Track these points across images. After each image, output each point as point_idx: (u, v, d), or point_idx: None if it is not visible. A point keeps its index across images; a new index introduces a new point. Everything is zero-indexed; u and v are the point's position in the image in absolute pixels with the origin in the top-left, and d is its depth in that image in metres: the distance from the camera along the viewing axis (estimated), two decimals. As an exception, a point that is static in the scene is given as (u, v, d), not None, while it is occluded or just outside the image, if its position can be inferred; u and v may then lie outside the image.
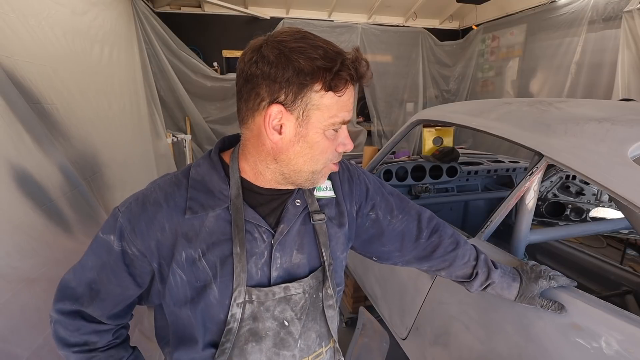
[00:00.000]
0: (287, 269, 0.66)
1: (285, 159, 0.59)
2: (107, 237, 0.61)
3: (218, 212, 0.62)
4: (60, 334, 0.64)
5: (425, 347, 1.27)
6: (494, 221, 1.15)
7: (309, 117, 0.56)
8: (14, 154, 1.21)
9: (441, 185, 2.31)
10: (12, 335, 1.02)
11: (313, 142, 0.58)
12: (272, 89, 0.54)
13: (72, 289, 0.64)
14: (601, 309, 0.80)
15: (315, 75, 0.53)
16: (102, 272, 0.62)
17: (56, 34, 1.73)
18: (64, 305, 0.63)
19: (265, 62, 0.53)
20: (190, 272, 0.61)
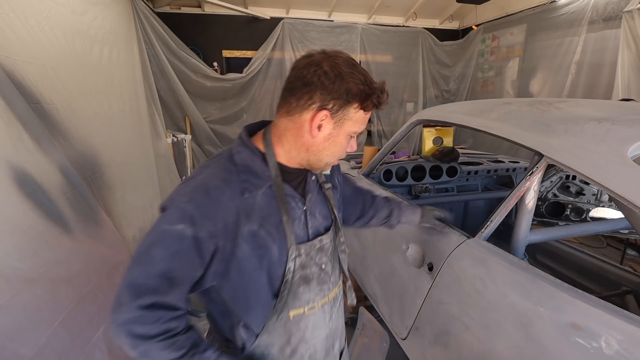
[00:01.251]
0: (315, 227, 0.85)
1: (315, 150, 0.77)
2: (175, 227, 0.66)
3: (264, 190, 0.76)
4: (137, 331, 0.66)
5: (425, 347, 1.27)
6: (494, 221, 1.15)
7: (343, 124, 0.75)
8: (14, 154, 1.21)
9: (441, 185, 2.31)
10: (16, 334, 1.02)
11: (338, 142, 0.77)
12: (325, 97, 0.71)
13: (143, 285, 0.66)
14: (601, 309, 0.80)
15: (357, 96, 0.72)
16: (174, 260, 0.67)
17: (56, 34, 1.73)
18: (142, 300, 0.65)
19: (325, 77, 0.70)
20: (252, 242, 0.73)
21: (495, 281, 1.04)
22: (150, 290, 0.66)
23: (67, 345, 1.21)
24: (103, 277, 1.54)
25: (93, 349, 1.35)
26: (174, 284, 0.67)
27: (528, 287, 0.95)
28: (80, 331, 1.30)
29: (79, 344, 1.27)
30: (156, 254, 0.67)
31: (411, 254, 1.34)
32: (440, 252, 1.22)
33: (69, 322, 1.25)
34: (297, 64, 0.76)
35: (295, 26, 4.76)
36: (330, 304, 0.90)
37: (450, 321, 1.15)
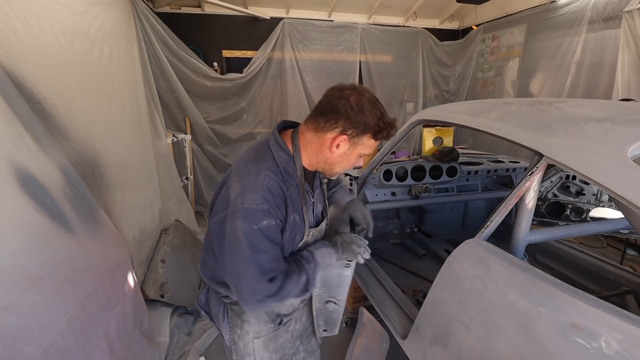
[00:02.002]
0: (317, 214, 1.12)
1: (330, 163, 1.00)
2: (264, 223, 0.90)
3: (294, 187, 1.00)
4: (272, 292, 0.92)
5: (425, 347, 1.27)
6: (494, 221, 1.15)
7: (356, 147, 0.97)
8: (16, 153, 1.21)
9: (441, 185, 2.31)
10: (23, 333, 1.02)
11: (349, 160, 1.00)
12: (347, 125, 0.92)
13: (267, 269, 0.91)
14: (601, 309, 0.80)
15: (371, 130, 0.94)
16: (274, 245, 0.94)
17: (56, 34, 1.73)
18: (267, 277, 0.91)
19: (351, 109, 0.91)
20: (290, 227, 0.98)
21: (495, 281, 1.04)
22: (268, 272, 0.91)
23: (70, 345, 1.21)
24: (105, 277, 1.54)
25: (94, 349, 1.35)
26: (278, 259, 0.95)
27: (528, 287, 0.95)
28: (84, 330, 1.30)
29: (81, 344, 1.27)
30: (264, 246, 0.90)
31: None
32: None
33: (75, 321, 1.25)
34: (330, 92, 0.96)
35: (295, 26, 4.76)
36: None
37: (450, 321, 1.15)
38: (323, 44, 4.92)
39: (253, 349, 1.14)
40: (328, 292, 1.23)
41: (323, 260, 1.01)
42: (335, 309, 1.26)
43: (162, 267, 2.39)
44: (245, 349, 1.15)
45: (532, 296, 0.92)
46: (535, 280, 0.94)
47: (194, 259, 2.89)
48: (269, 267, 0.91)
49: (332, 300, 1.25)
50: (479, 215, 2.72)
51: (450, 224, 2.73)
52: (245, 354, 1.15)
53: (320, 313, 1.28)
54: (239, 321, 1.13)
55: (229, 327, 1.15)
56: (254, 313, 1.12)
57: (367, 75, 5.23)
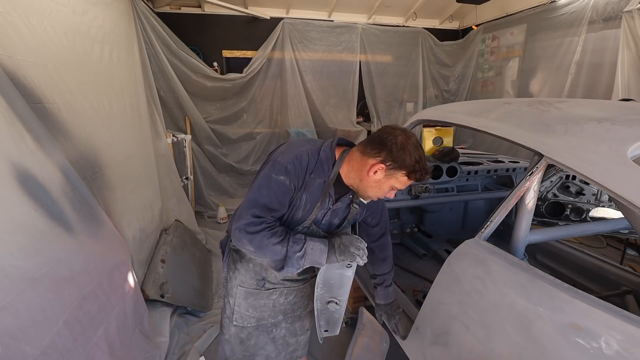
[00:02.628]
0: (329, 222, 1.25)
1: (365, 185, 1.13)
2: (279, 177, 1.08)
3: (320, 181, 1.15)
4: (250, 229, 1.06)
5: (425, 347, 1.27)
6: (494, 221, 1.15)
7: (390, 178, 1.10)
8: (16, 153, 1.21)
9: (441, 185, 2.31)
10: (20, 333, 1.03)
11: (382, 188, 1.12)
12: (387, 157, 1.06)
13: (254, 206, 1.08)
14: (601, 309, 0.80)
15: (407, 168, 1.07)
16: (273, 198, 1.09)
17: (57, 34, 1.73)
18: (252, 212, 1.07)
19: (395, 146, 1.06)
20: (299, 201, 1.14)
21: (495, 281, 1.04)
22: (258, 210, 1.07)
23: (69, 345, 1.21)
24: (104, 277, 1.54)
25: (94, 348, 1.35)
26: (272, 210, 1.09)
27: (528, 287, 0.95)
28: (82, 331, 1.30)
29: (80, 344, 1.27)
30: (264, 191, 1.08)
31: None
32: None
33: (72, 321, 1.25)
34: (383, 128, 1.12)
35: (295, 26, 4.76)
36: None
37: (450, 321, 1.15)
38: (323, 44, 4.92)
39: (235, 293, 1.33)
40: (329, 292, 1.23)
41: (312, 253, 1.10)
42: (336, 309, 1.27)
43: (162, 267, 2.39)
44: (231, 290, 1.35)
45: (532, 296, 0.93)
46: (535, 280, 0.94)
47: (194, 259, 2.89)
48: (261, 206, 1.07)
49: (333, 300, 1.25)
50: (479, 215, 2.72)
51: (450, 224, 2.73)
52: (229, 294, 1.36)
53: (321, 313, 1.28)
54: (233, 266, 1.34)
55: (227, 267, 1.36)
56: (244, 265, 1.31)
57: (367, 75, 5.23)
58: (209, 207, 4.53)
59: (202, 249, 3.24)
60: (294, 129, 4.97)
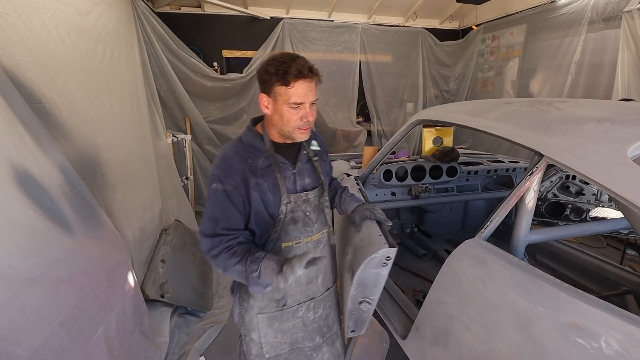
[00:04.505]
0: (303, 185, 1.18)
1: (277, 125, 1.10)
2: (212, 186, 1.06)
3: (263, 159, 1.11)
4: (212, 253, 1.04)
5: (425, 347, 1.27)
6: (494, 221, 1.15)
7: (277, 99, 1.05)
8: (15, 153, 1.21)
9: (441, 185, 2.31)
10: (12, 334, 1.02)
11: (283, 112, 1.06)
12: (260, 86, 1.08)
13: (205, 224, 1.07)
14: (601, 309, 0.80)
15: (274, 75, 1.02)
16: (215, 207, 1.07)
17: (60, 33, 1.73)
18: (206, 228, 1.06)
19: (258, 73, 1.07)
20: (258, 190, 1.09)
21: (495, 281, 1.04)
22: (209, 227, 1.06)
23: (66, 346, 1.21)
24: (103, 277, 1.54)
25: (93, 349, 1.35)
26: (219, 221, 1.05)
27: (528, 287, 0.95)
28: (80, 331, 1.30)
29: (78, 344, 1.27)
30: (208, 207, 1.08)
31: (348, 259, 1.32)
32: (361, 259, 1.16)
33: (68, 322, 1.25)
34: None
35: (295, 26, 4.75)
36: (313, 243, 1.21)
37: (450, 321, 1.15)
38: (323, 44, 4.92)
39: (257, 324, 1.20)
40: (363, 292, 1.20)
41: (265, 272, 0.98)
42: (368, 309, 1.24)
43: (162, 267, 2.39)
44: (251, 324, 1.21)
45: (532, 296, 0.92)
46: (535, 280, 0.94)
47: (194, 259, 2.89)
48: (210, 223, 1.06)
49: (366, 300, 1.22)
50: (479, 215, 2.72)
51: (450, 224, 2.73)
52: (250, 328, 1.21)
53: (352, 314, 1.26)
54: (246, 295, 1.20)
55: (238, 300, 1.23)
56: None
57: (367, 75, 5.23)
58: (209, 207, 4.52)
59: (202, 249, 3.23)
60: (294, 129, 4.97)
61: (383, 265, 1.13)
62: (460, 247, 1.19)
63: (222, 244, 1.03)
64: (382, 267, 1.14)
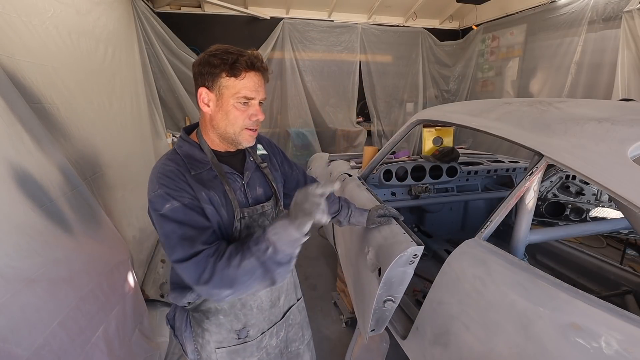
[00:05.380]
0: (255, 197, 1.04)
1: (221, 126, 0.94)
2: (167, 209, 0.85)
3: (207, 169, 0.95)
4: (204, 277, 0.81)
5: (425, 347, 1.27)
6: (494, 221, 1.15)
7: (222, 93, 0.90)
8: (14, 153, 1.21)
9: (441, 185, 2.31)
10: (12, 335, 1.02)
11: (228, 110, 0.91)
12: (199, 80, 0.92)
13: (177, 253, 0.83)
14: (601, 309, 0.80)
15: (218, 66, 0.88)
16: (183, 226, 0.85)
17: (60, 34, 1.73)
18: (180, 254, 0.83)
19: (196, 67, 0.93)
20: (212, 203, 0.92)
21: (495, 281, 1.04)
22: (184, 250, 0.82)
23: (66, 346, 1.20)
24: (103, 277, 1.54)
25: (93, 349, 1.35)
26: (194, 239, 0.84)
27: (528, 287, 0.94)
28: (80, 331, 1.30)
29: (78, 344, 1.27)
30: (171, 231, 0.84)
31: (370, 258, 1.33)
32: (388, 258, 1.16)
33: (68, 322, 1.25)
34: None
35: (295, 26, 4.76)
36: None
37: (450, 321, 1.15)
38: (323, 44, 4.92)
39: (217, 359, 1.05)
40: (388, 290, 1.21)
41: (278, 237, 0.80)
42: (391, 307, 1.24)
43: (162, 267, 2.39)
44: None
45: (532, 296, 0.92)
46: (535, 280, 0.94)
47: (194, 259, 2.89)
48: (182, 245, 0.83)
49: (390, 298, 1.23)
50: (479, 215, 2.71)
51: (450, 224, 2.73)
52: None
53: (375, 313, 1.26)
54: (200, 330, 1.05)
55: (191, 336, 1.07)
56: (213, 320, 1.04)
57: (367, 75, 5.23)
58: (209, 207, 4.53)
59: (202, 249, 3.23)
60: (294, 128, 4.97)
61: (410, 263, 1.14)
62: (460, 247, 1.19)
63: (210, 258, 0.82)
64: (409, 265, 1.14)
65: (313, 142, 5.04)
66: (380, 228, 1.33)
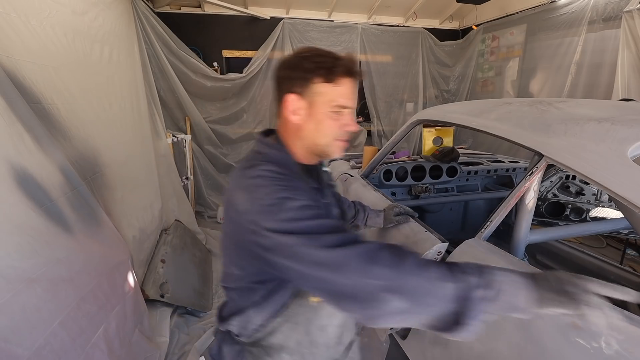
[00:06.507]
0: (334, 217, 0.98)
1: (309, 137, 0.82)
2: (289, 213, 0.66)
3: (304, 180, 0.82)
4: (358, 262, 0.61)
5: (425, 347, 1.27)
6: (494, 221, 1.15)
7: (314, 101, 0.78)
8: (15, 154, 1.21)
9: (441, 185, 2.31)
10: (13, 335, 1.02)
11: (319, 119, 0.80)
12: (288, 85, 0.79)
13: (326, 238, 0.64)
14: (601, 308, 0.80)
15: (315, 72, 0.76)
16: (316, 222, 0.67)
17: (57, 34, 1.73)
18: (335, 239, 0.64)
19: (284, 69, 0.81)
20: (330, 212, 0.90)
21: (495, 281, 1.03)
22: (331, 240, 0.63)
23: (66, 346, 1.21)
24: (103, 277, 1.54)
25: (93, 349, 1.35)
26: (335, 227, 0.66)
27: (528, 287, 0.94)
28: (81, 331, 1.30)
29: (79, 344, 1.27)
30: (312, 226, 0.65)
31: None
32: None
33: (69, 322, 1.25)
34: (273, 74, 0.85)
35: (295, 26, 4.76)
36: None
37: (451, 321, 1.15)
38: (323, 44, 4.92)
39: None
40: None
41: (508, 289, 0.59)
42: None
43: (162, 267, 2.39)
44: None
45: (532, 296, 0.92)
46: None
47: (194, 259, 2.89)
48: (339, 236, 0.64)
49: None
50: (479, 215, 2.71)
51: (450, 224, 2.73)
52: None
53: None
54: None
55: None
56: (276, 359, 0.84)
57: (367, 75, 5.23)
58: (209, 207, 4.53)
59: (202, 249, 3.23)
60: (294, 129, 4.97)
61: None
62: (460, 247, 1.19)
63: (384, 251, 0.62)
64: None
65: (313, 142, 5.04)
66: (400, 227, 1.36)
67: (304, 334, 0.84)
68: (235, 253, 0.78)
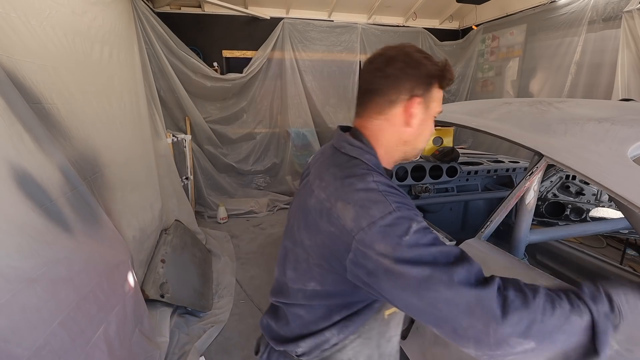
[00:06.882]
0: None
1: (412, 142, 0.77)
2: (412, 231, 0.60)
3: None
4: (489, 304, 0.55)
5: (425, 347, 1.27)
6: (494, 221, 1.15)
7: (429, 106, 0.75)
8: (14, 154, 1.21)
9: (441, 185, 2.31)
10: (13, 335, 1.02)
11: (428, 125, 0.78)
12: (410, 85, 0.72)
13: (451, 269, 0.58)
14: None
15: (435, 76, 0.73)
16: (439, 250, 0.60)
17: (57, 34, 1.73)
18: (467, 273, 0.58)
19: (407, 65, 0.72)
20: None
21: (495, 281, 1.04)
22: (467, 267, 0.59)
23: (66, 346, 1.21)
24: (103, 277, 1.54)
25: (93, 349, 1.35)
26: (463, 256, 0.62)
27: (528, 287, 0.94)
28: (81, 331, 1.30)
29: (79, 344, 1.27)
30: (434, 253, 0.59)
31: None
32: None
33: (69, 322, 1.25)
34: (369, 66, 0.77)
35: (295, 26, 4.76)
36: None
37: (451, 321, 1.15)
38: (323, 44, 4.92)
39: None
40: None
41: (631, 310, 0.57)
42: None
43: (162, 267, 2.39)
44: None
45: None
46: (536, 280, 0.94)
47: (194, 259, 2.89)
48: (468, 267, 0.59)
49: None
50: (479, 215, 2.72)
51: (450, 224, 2.73)
52: None
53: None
54: None
55: None
56: None
57: (367, 75, 5.23)
58: (209, 207, 4.53)
59: (202, 249, 3.23)
60: (294, 129, 4.97)
61: None
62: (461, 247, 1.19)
63: (508, 291, 0.57)
64: None
65: (313, 142, 5.04)
66: None
67: (375, 347, 0.80)
68: (320, 269, 0.70)
